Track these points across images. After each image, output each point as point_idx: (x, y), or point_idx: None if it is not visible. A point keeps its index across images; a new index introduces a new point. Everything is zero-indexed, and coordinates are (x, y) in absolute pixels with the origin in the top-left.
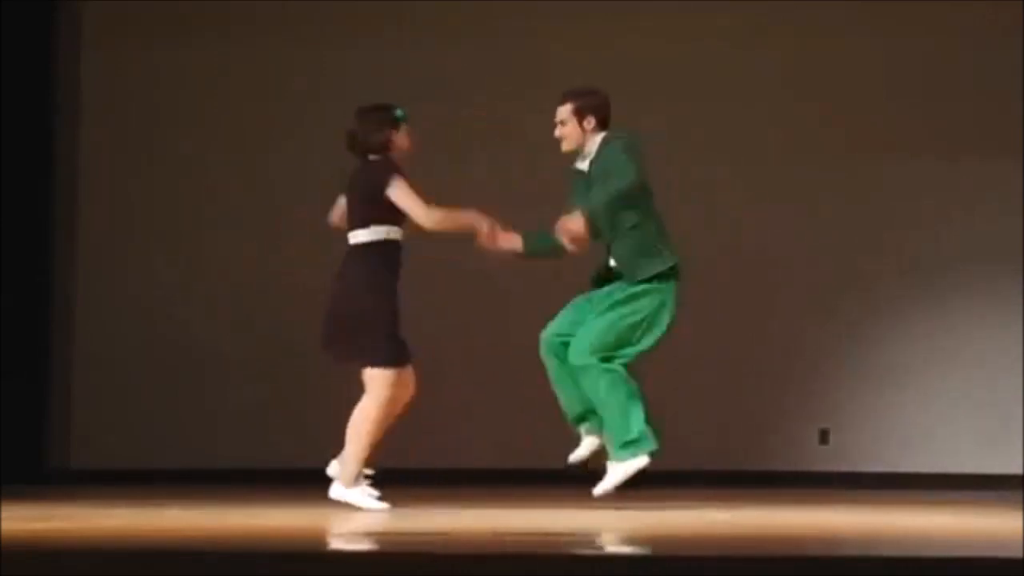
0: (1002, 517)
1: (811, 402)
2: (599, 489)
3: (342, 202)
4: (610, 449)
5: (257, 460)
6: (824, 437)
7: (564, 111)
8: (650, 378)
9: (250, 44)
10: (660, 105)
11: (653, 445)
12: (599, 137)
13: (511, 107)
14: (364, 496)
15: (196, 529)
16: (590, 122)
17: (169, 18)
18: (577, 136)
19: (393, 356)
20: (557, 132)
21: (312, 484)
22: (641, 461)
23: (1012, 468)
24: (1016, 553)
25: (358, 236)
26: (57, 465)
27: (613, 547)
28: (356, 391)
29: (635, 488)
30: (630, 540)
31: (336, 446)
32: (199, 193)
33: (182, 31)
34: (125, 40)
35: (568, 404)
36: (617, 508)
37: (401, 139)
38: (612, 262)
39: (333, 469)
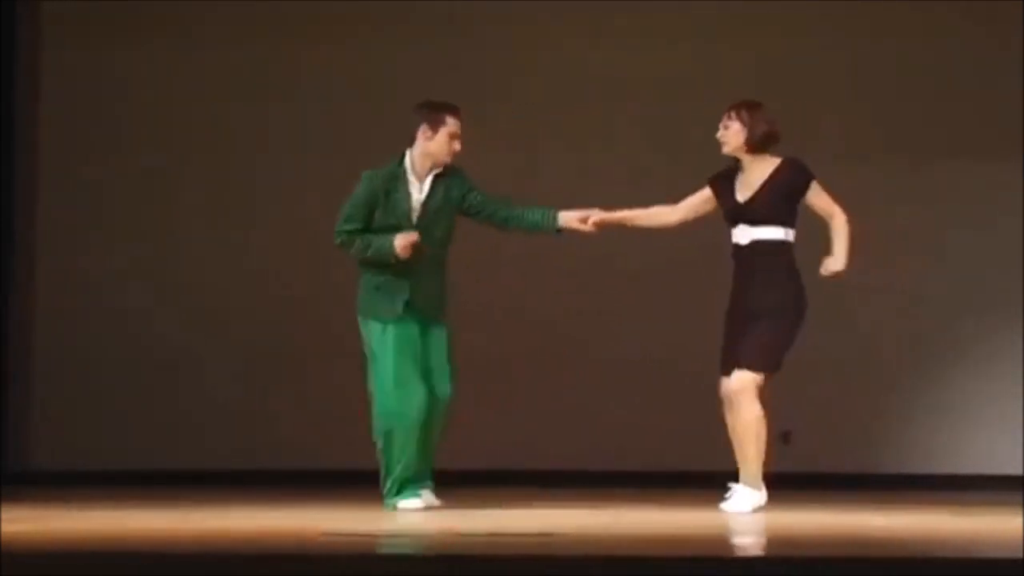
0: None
1: (773, 403)
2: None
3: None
4: None
5: (225, 461)
6: (786, 438)
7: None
8: (617, 383)
9: (212, 42)
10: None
11: None
12: None
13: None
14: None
15: (158, 531)
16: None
17: (128, 17)
18: None
19: None
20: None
21: (279, 485)
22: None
23: (974, 469)
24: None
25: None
26: (16, 467)
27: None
28: (329, 390)
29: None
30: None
31: (313, 445)
32: (163, 188)
33: (142, 29)
34: (85, 39)
35: None
36: (605, 509)
37: None
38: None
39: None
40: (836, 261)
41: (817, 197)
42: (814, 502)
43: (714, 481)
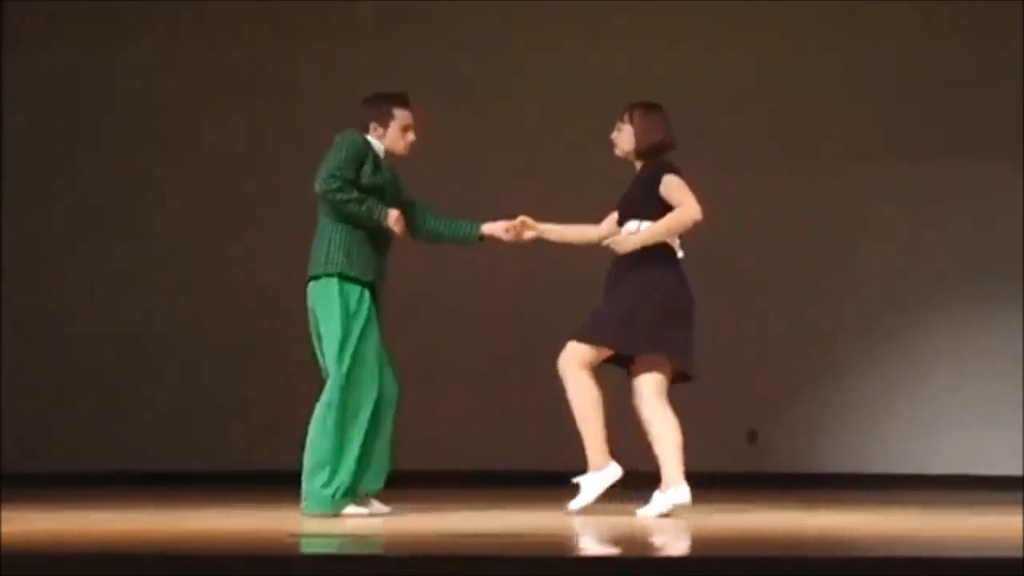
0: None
1: (739, 401)
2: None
3: None
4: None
5: (210, 463)
6: (751, 438)
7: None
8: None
9: (200, 42)
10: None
11: None
12: None
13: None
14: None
15: (127, 533)
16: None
17: (92, 17)
18: None
19: None
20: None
21: (262, 486)
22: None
23: (931, 469)
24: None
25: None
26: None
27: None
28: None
29: None
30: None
31: (277, 447)
32: (155, 187)
33: (107, 30)
34: (49, 39)
35: None
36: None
37: None
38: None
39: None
40: (629, 240)
41: (668, 190)
42: (783, 501)
43: (690, 480)
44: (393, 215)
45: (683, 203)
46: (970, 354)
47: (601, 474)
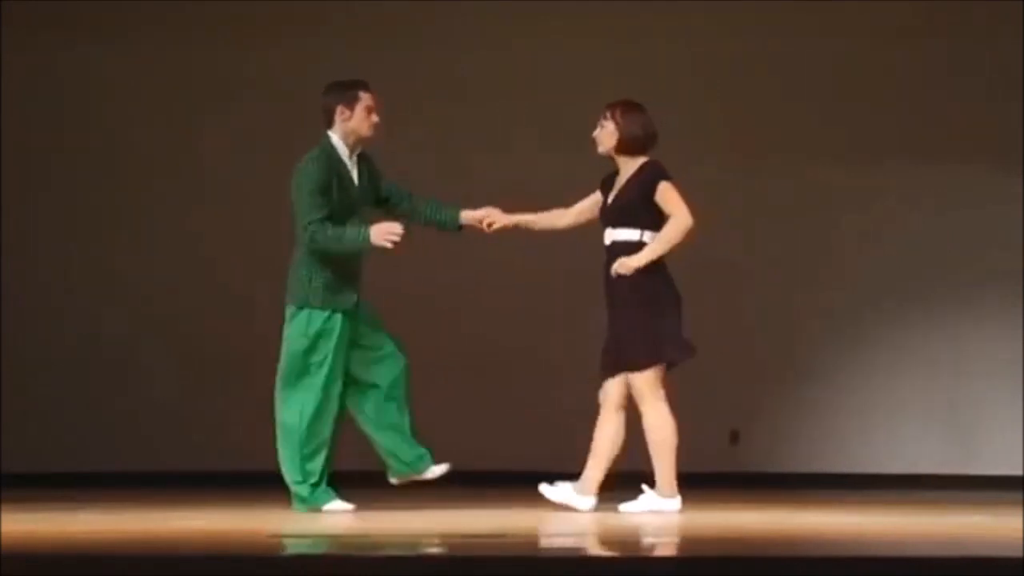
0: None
1: (721, 402)
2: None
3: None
4: None
5: (172, 463)
6: (734, 438)
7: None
8: (559, 380)
9: (169, 44)
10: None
11: None
12: None
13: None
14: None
15: (109, 532)
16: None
17: (88, 18)
18: None
19: None
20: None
21: (226, 487)
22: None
23: (922, 468)
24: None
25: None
26: None
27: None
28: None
29: None
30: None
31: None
32: (119, 193)
33: (106, 29)
34: (46, 40)
35: None
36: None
37: None
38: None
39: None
40: (633, 259)
41: (663, 197)
42: (766, 502)
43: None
44: (378, 233)
45: (676, 213)
46: (965, 354)
47: (670, 502)
